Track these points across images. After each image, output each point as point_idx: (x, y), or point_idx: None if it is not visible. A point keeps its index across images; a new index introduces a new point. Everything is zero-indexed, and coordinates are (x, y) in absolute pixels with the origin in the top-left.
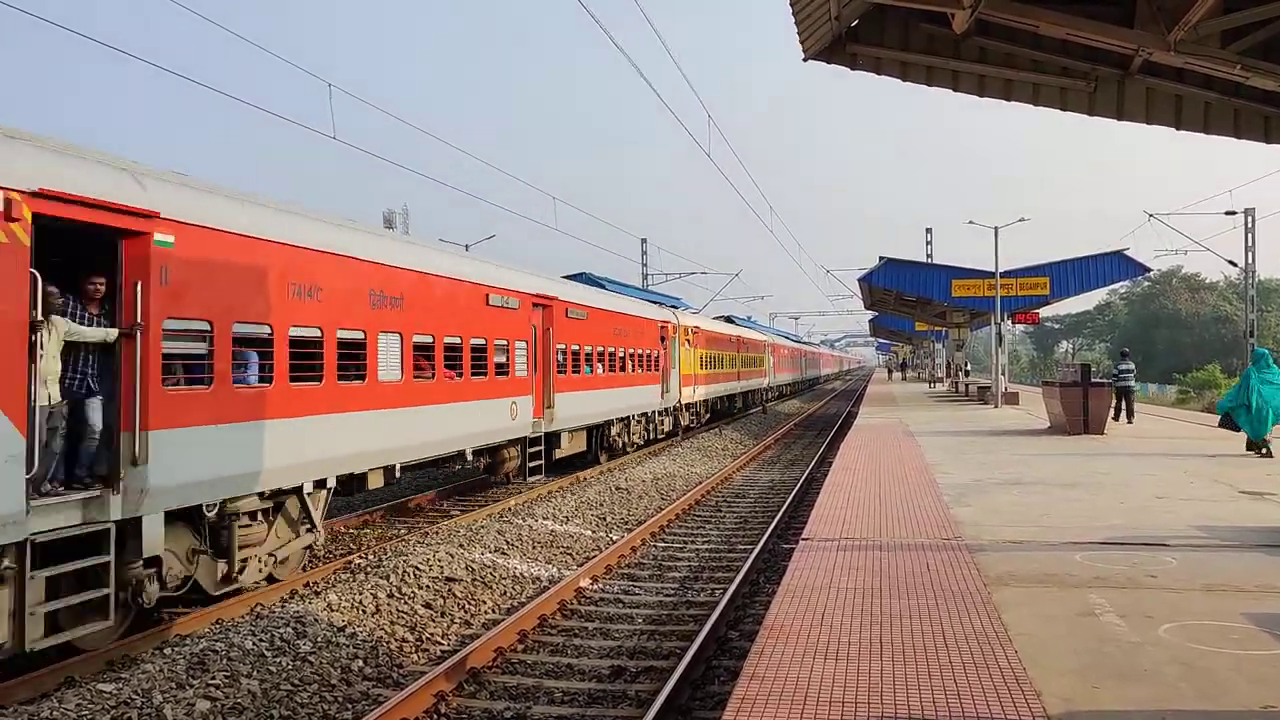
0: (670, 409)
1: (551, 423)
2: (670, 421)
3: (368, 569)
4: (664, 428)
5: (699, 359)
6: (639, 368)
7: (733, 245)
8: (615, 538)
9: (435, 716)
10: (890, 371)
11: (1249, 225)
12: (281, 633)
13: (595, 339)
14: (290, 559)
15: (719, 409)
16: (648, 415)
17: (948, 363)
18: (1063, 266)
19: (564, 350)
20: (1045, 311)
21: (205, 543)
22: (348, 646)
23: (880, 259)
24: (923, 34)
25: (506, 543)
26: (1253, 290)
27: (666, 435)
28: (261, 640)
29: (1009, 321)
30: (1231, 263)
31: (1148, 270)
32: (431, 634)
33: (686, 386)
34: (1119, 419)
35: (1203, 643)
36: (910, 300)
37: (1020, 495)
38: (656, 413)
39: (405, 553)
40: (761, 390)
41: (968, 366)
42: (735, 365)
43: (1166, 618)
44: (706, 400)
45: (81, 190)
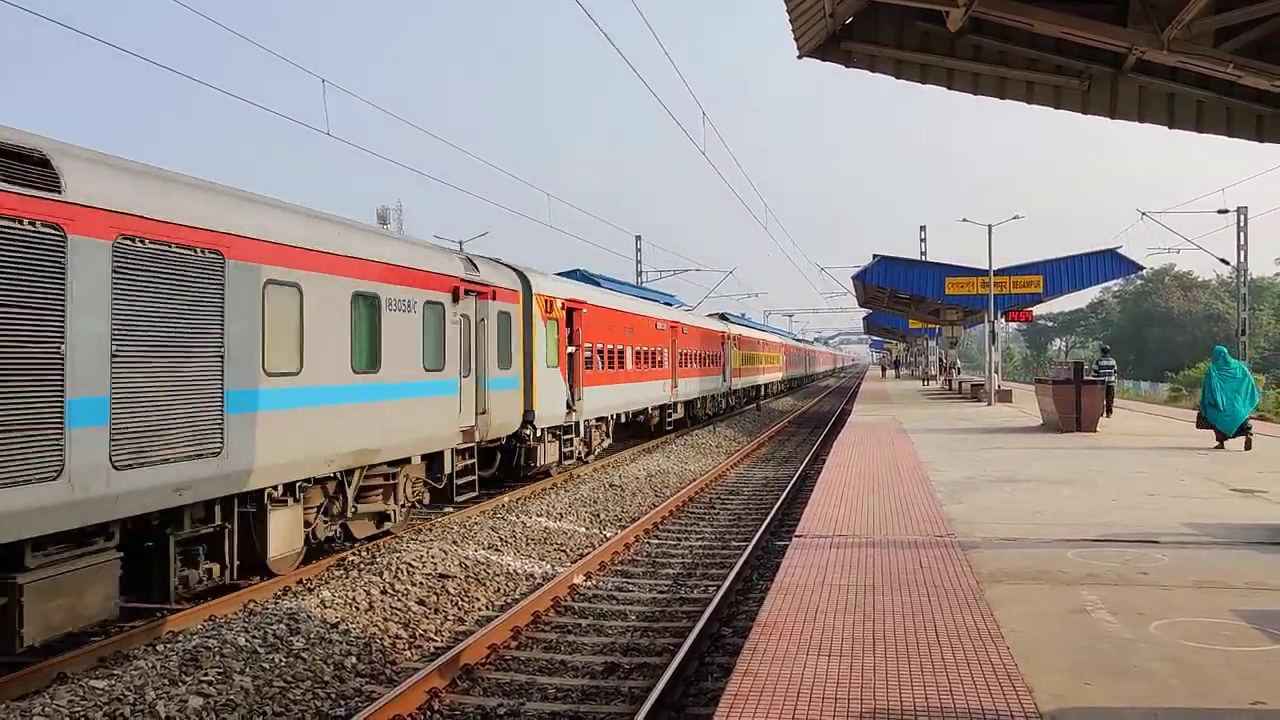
0: (725, 393)
1: (676, 397)
2: (726, 401)
3: (361, 566)
4: (723, 404)
5: (740, 358)
6: (711, 364)
7: (727, 242)
8: (609, 534)
9: (428, 713)
10: (884, 369)
11: (1241, 224)
12: (275, 629)
13: (695, 346)
14: (600, 445)
15: (750, 395)
16: (715, 395)
17: (940, 360)
18: (1056, 265)
19: (684, 354)
20: (1038, 309)
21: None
22: (341, 643)
23: (874, 257)
24: (917, 31)
25: (500, 539)
26: (1244, 288)
27: (726, 409)
28: (254, 637)
29: (1002, 319)
30: (1224, 261)
31: (1140, 268)
32: (425, 630)
33: (734, 378)
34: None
35: (1193, 639)
36: (904, 298)
37: (1013, 492)
38: (720, 394)
39: (399, 549)
40: (776, 382)
41: (958, 364)
42: (758, 363)
43: (1158, 615)
44: (744, 388)
45: (569, 296)
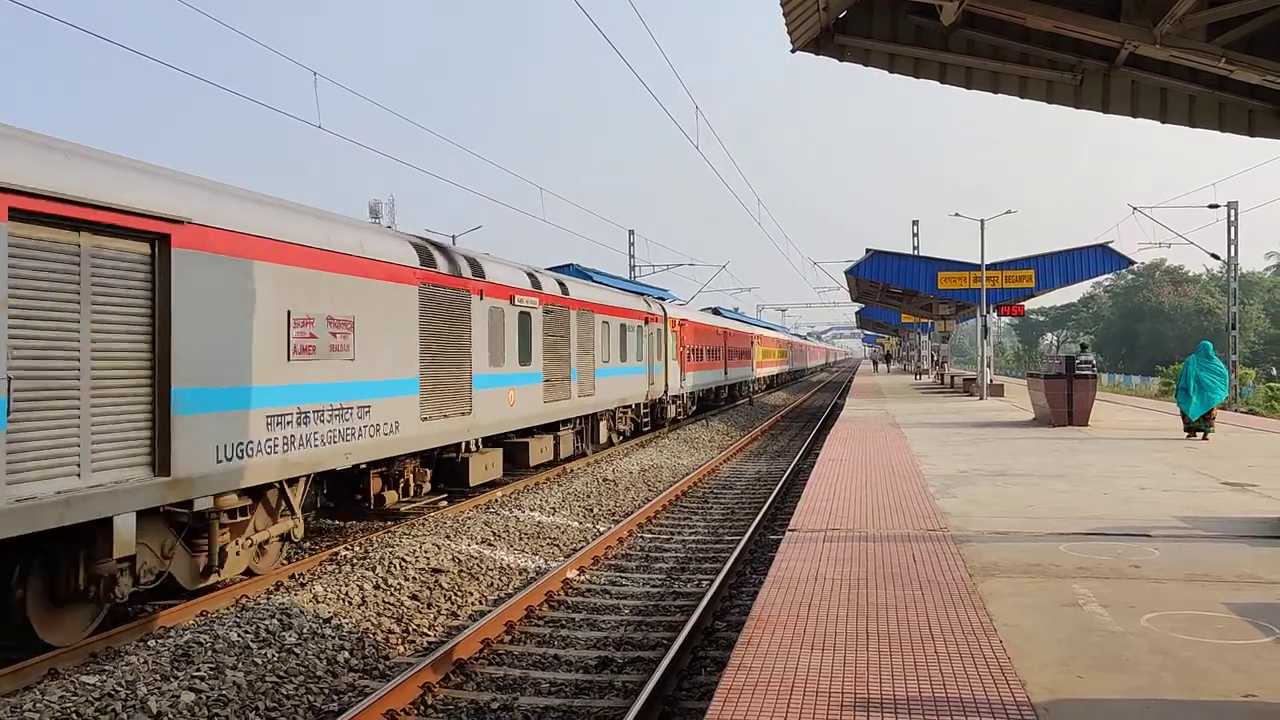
0: (760, 379)
1: (727, 380)
2: (760, 385)
3: (354, 561)
4: (759, 386)
5: (762, 353)
6: (744, 359)
7: (720, 237)
8: (602, 529)
9: (422, 708)
10: (876, 364)
11: (1232, 219)
12: (267, 625)
13: (736, 345)
14: (689, 409)
15: (771, 383)
16: (747, 380)
17: (933, 355)
18: (1048, 259)
19: (729, 351)
20: (1030, 304)
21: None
22: (334, 638)
23: (867, 251)
24: (911, 26)
25: (493, 534)
26: (1235, 283)
27: (765, 388)
28: (247, 632)
29: (994, 313)
30: (1214, 256)
31: (1131, 263)
32: (418, 625)
33: (759, 368)
34: None
35: (1185, 632)
36: (896, 292)
37: (1005, 486)
38: (757, 380)
39: (392, 544)
40: (785, 373)
41: (949, 358)
42: (773, 358)
43: (1149, 607)
44: (765, 376)
45: (681, 317)
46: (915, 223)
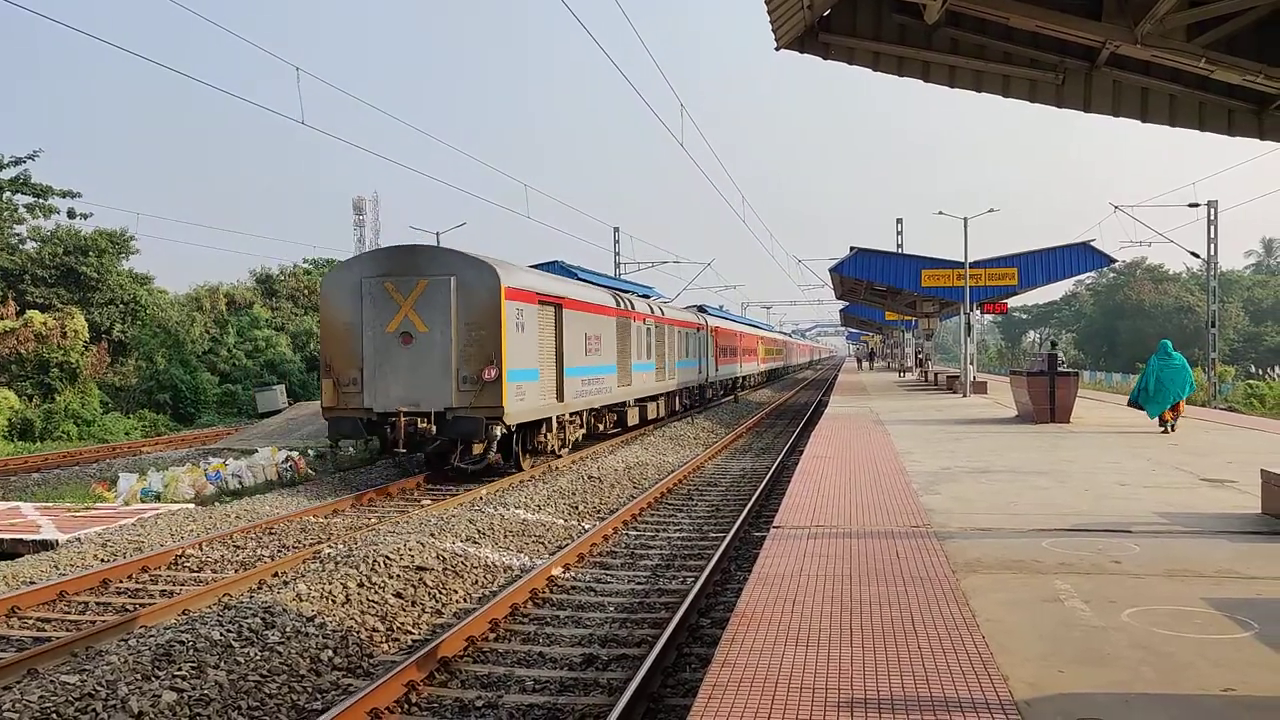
0: (764, 371)
1: (747, 371)
2: (760, 378)
3: (338, 559)
4: (760, 379)
5: (764, 351)
6: (752, 355)
7: (705, 234)
8: (587, 526)
9: (406, 706)
10: (859, 361)
11: (1212, 218)
12: (250, 623)
13: (750, 345)
14: (718, 395)
15: (761, 379)
16: (756, 373)
17: (916, 352)
18: (1030, 257)
19: (745, 349)
20: (1013, 302)
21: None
22: (317, 636)
23: (851, 249)
24: (894, 24)
25: (478, 531)
26: (1214, 281)
27: (754, 385)
28: (229, 631)
29: (978, 311)
30: (1194, 254)
31: (1113, 261)
32: (402, 623)
33: (762, 364)
34: None
35: (1165, 627)
36: (881, 290)
37: (988, 483)
38: (758, 372)
39: (376, 542)
40: (773, 370)
41: (932, 356)
42: (771, 355)
43: (1129, 602)
44: (766, 370)
45: (714, 325)
46: (900, 220)
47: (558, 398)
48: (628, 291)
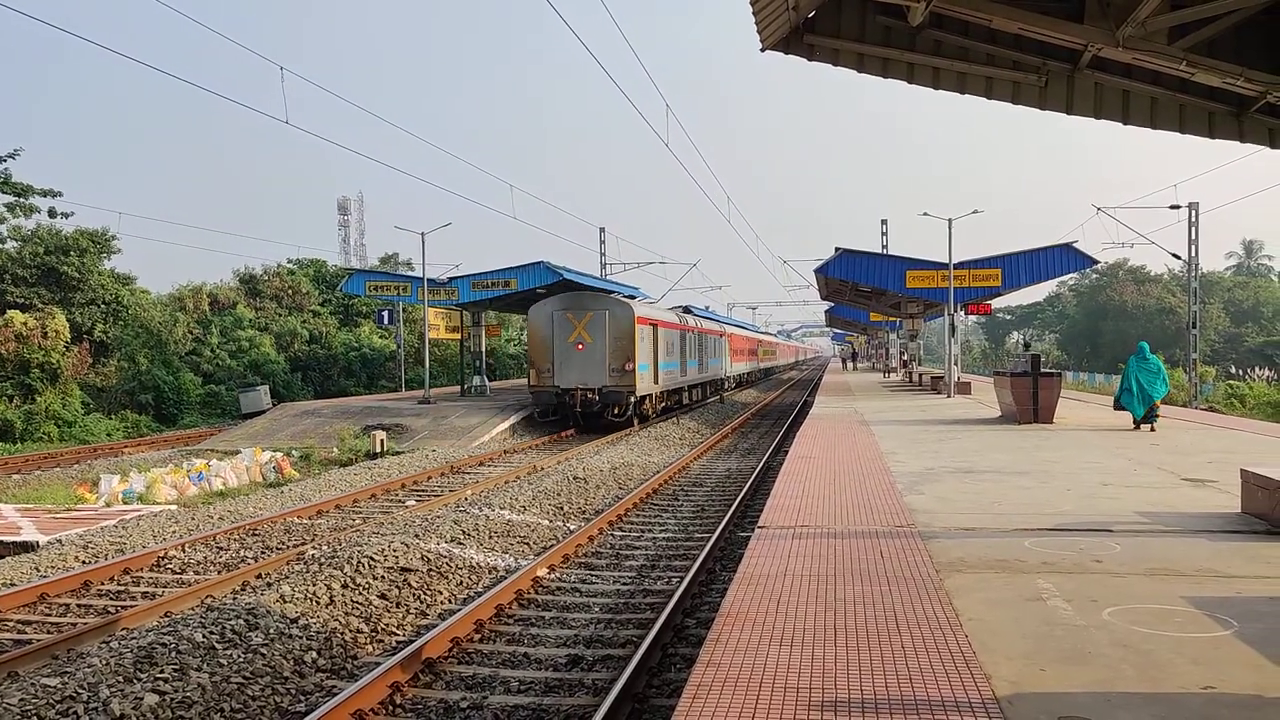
0: (762, 369)
1: (753, 368)
2: (758, 374)
3: (322, 560)
4: (758, 375)
5: (763, 352)
6: (752, 355)
7: (691, 235)
8: (573, 527)
9: (390, 708)
10: (844, 362)
11: (1193, 219)
12: (232, 625)
13: (752, 346)
14: (732, 388)
15: (765, 373)
16: (755, 370)
17: (901, 353)
18: (1014, 259)
19: (748, 350)
20: (997, 303)
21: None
22: (301, 638)
23: (836, 250)
24: (879, 26)
25: (463, 533)
26: (1196, 282)
27: (752, 381)
28: (212, 633)
29: (962, 312)
30: (1175, 256)
31: (1095, 262)
32: (387, 625)
33: (760, 363)
34: None
35: (1145, 626)
36: (865, 291)
37: (972, 483)
38: (757, 370)
39: (360, 543)
40: (772, 368)
41: (919, 356)
42: (767, 355)
43: (1110, 602)
44: (763, 368)
45: (731, 332)
46: (884, 222)
47: (654, 382)
48: (688, 310)
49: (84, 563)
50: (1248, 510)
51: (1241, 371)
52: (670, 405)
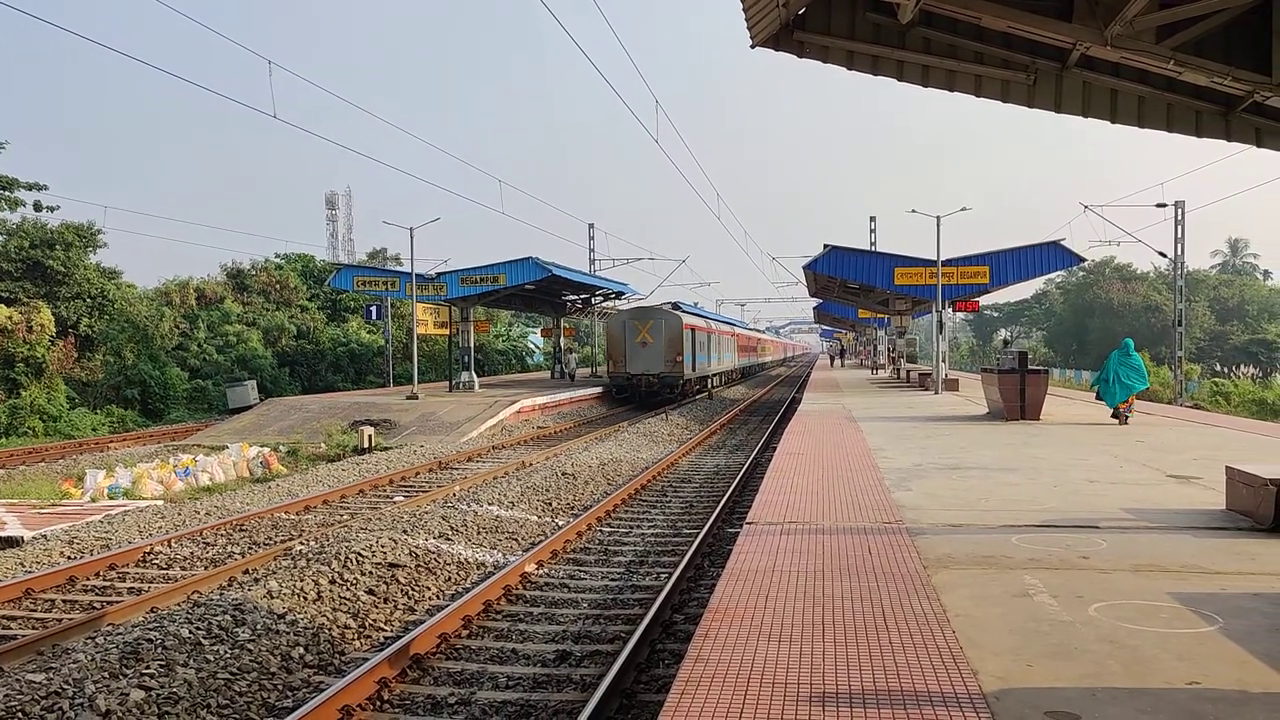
0: (759, 364)
1: (756, 361)
2: (760, 367)
3: (309, 556)
4: (757, 370)
5: (761, 348)
6: (754, 351)
7: (680, 231)
8: (561, 523)
9: (378, 703)
10: (832, 358)
11: (1179, 218)
12: (219, 620)
13: (753, 342)
14: (737, 380)
15: (759, 368)
16: (754, 365)
17: (889, 349)
18: (1002, 256)
19: (750, 347)
20: (985, 300)
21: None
22: (288, 634)
23: (825, 246)
24: (869, 23)
25: (451, 528)
26: (1181, 281)
27: (759, 369)
28: (198, 628)
29: (950, 309)
30: (1162, 254)
31: (1082, 260)
32: (375, 620)
33: (757, 358)
34: None
35: (1131, 621)
36: (854, 288)
37: (959, 480)
38: (758, 364)
39: (348, 539)
40: (762, 364)
41: (906, 352)
42: (762, 351)
43: (1097, 597)
44: (759, 363)
45: (738, 332)
46: (873, 219)
47: (693, 370)
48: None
49: (69, 558)
50: (1232, 507)
51: (1226, 369)
52: (699, 389)
